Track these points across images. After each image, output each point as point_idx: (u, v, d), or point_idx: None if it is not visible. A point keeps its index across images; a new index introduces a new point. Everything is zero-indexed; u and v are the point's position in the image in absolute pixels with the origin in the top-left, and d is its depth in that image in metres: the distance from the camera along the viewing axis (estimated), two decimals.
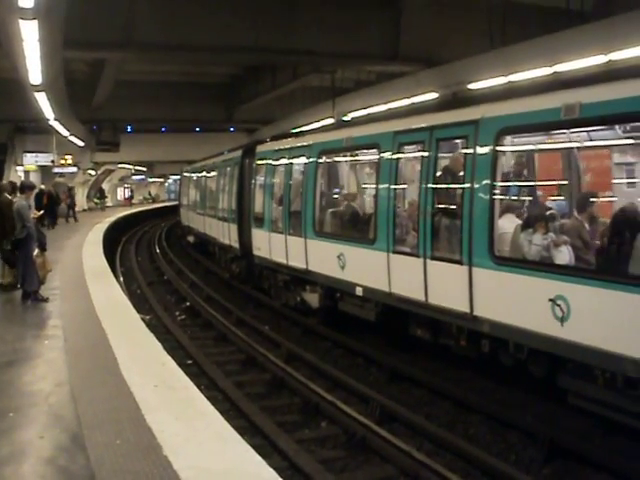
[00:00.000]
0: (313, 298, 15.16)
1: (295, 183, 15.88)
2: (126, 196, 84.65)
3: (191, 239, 33.66)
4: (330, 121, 29.88)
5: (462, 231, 9.77)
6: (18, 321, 10.83)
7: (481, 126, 9.65)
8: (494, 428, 9.60)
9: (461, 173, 10.06)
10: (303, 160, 15.25)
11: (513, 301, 8.91)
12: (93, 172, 55.96)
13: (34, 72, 18.32)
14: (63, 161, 44.79)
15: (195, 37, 23.14)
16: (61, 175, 45.75)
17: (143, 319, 11.87)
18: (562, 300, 8.08)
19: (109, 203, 65.01)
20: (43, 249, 13.44)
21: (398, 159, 11.85)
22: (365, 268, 12.55)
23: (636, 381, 7.54)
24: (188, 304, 19.16)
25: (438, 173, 10.72)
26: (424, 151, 10.92)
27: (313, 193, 14.58)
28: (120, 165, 65.06)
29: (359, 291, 12.76)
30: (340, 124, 21.70)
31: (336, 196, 15.27)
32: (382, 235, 11.91)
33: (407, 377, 11.85)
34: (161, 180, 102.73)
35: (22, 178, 38.72)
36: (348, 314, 13.89)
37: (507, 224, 9.52)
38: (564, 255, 8.66)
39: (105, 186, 66.05)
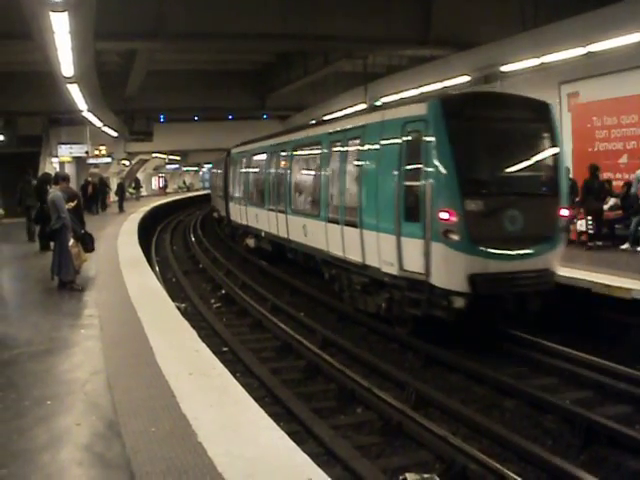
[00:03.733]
0: None
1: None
2: (160, 185, 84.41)
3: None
4: (363, 106, 29.75)
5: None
6: (54, 310, 10.89)
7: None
8: (530, 413, 9.52)
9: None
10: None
11: None
12: (127, 162, 55.71)
13: (66, 64, 18.43)
14: (97, 152, 45.03)
15: (224, 25, 23.17)
16: (95, 166, 45.34)
17: (178, 307, 11.77)
18: None
19: (144, 193, 63.87)
20: (79, 240, 13.49)
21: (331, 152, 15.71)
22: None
23: None
24: (223, 292, 19.12)
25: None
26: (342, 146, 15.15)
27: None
28: (154, 155, 64.93)
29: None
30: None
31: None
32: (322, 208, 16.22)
33: (442, 362, 11.77)
34: (195, 169, 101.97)
35: (57, 169, 38.21)
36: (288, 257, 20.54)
37: None
38: None
39: (139, 176, 64.98)
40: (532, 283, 11.79)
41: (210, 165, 52.35)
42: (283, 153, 20.55)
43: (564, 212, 12.39)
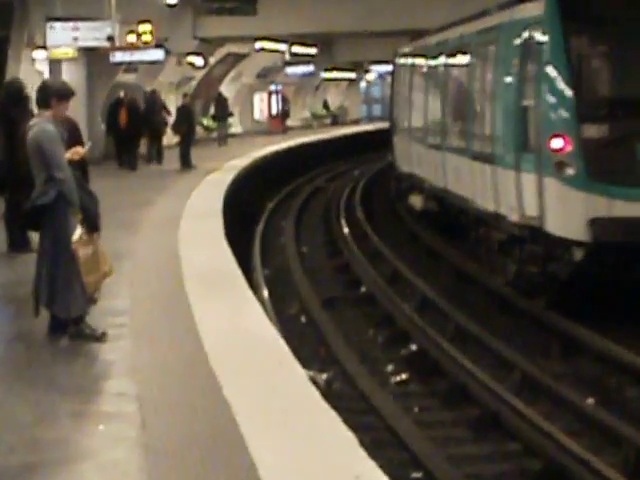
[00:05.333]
0: None
1: None
2: (274, 112, 44.23)
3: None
4: None
5: None
6: (42, 382, 6.18)
7: None
8: None
9: None
10: None
11: None
12: (199, 61, 30.12)
13: None
14: (133, 37, 23.03)
15: None
16: (129, 68, 26.04)
17: (314, 380, 7.14)
18: None
19: (235, 127, 37.90)
20: (94, 228, 7.00)
21: None
22: None
23: None
24: (415, 348, 10.67)
25: None
26: None
27: None
28: (258, 45, 32.72)
29: None
30: None
31: None
32: None
33: None
34: (350, 77, 51.42)
35: (45, 75, 22.61)
36: None
37: None
38: None
39: (226, 91, 36.52)
40: None
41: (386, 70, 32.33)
42: (437, 60, 16.70)
43: None
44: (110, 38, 21.77)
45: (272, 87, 44.73)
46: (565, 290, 10.55)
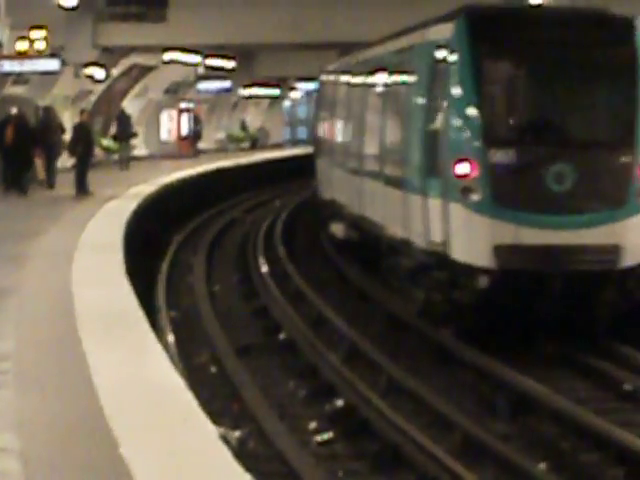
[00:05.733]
0: None
1: None
2: (184, 132, 40.71)
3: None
4: None
5: None
6: None
7: None
8: None
9: None
10: None
11: None
12: (100, 72, 27.61)
13: None
14: (24, 44, 22.06)
15: None
16: (19, 80, 24.25)
17: (225, 438, 7.17)
18: None
19: (139, 149, 35.31)
20: None
21: None
22: None
23: None
24: (341, 404, 9.87)
25: None
26: None
27: None
28: (169, 56, 30.16)
29: None
30: None
31: None
32: None
33: None
34: (273, 94, 47.93)
35: None
36: None
37: None
38: None
39: (130, 108, 34.09)
40: (585, 261, 10.29)
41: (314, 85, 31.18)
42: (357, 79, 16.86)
43: None
44: None
45: (182, 104, 41.44)
46: (472, 318, 10.77)
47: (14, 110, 21.78)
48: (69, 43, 23.71)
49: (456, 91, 10.45)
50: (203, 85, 39.69)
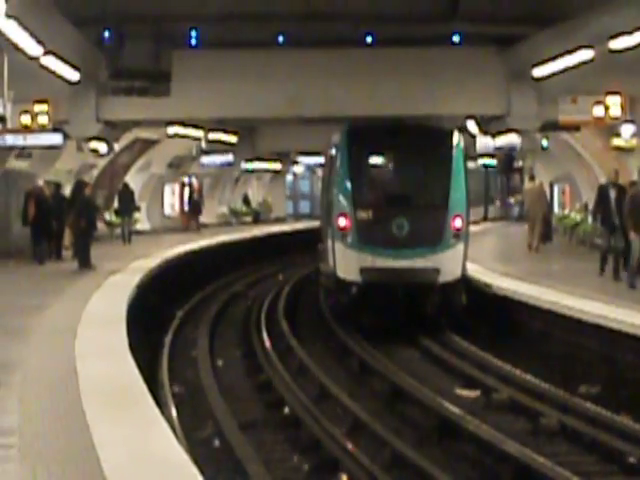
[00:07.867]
0: None
1: None
2: (186, 205, 40.13)
3: None
4: None
5: None
6: None
7: None
8: None
9: None
10: None
11: None
12: (103, 147, 25.23)
13: None
14: (27, 118, 21.25)
15: None
16: (22, 154, 23.86)
17: None
18: None
19: (142, 223, 34.85)
20: None
21: None
22: None
23: None
24: (345, 479, 9.16)
25: None
26: None
27: None
28: (172, 130, 29.19)
29: None
30: None
31: None
32: None
33: None
34: (275, 169, 46.72)
35: None
36: None
37: None
38: None
39: (133, 182, 33.24)
40: (417, 278, 16.00)
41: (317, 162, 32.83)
42: None
43: (458, 222, 16.20)
44: (1, 119, 19.72)
45: (187, 178, 40.74)
46: (349, 313, 16.83)
47: (39, 182, 22.05)
48: (72, 117, 23.01)
49: (340, 173, 16.71)
50: (206, 159, 38.81)
